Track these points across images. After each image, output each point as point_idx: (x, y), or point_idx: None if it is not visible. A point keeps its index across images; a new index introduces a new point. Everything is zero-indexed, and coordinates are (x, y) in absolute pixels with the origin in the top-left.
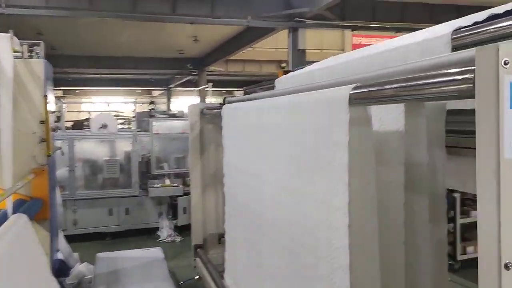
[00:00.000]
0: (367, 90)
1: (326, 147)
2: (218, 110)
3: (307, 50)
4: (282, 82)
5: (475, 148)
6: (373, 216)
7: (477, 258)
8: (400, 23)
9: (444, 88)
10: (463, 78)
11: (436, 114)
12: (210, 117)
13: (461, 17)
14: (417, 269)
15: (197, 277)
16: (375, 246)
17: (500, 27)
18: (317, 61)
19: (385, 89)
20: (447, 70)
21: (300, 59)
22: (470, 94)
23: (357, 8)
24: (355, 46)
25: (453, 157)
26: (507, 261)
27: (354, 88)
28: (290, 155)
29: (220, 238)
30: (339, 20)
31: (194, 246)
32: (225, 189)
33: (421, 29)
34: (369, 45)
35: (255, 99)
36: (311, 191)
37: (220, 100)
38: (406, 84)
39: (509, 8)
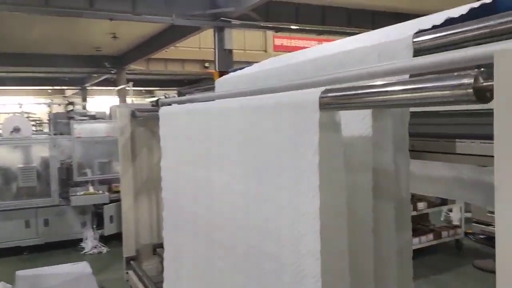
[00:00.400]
0: (340, 94)
1: (292, 153)
2: (152, 112)
3: None
4: (222, 84)
5: (428, 152)
6: (343, 221)
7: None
8: (321, 26)
9: (438, 93)
10: (462, 84)
11: (400, 117)
12: (142, 120)
13: (376, 23)
14: (382, 276)
15: None
16: (345, 253)
17: (463, 31)
18: (243, 62)
19: (362, 94)
20: (442, 73)
21: (227, 59)
22: (469, 99)
23: (280, 10)
24: (277, 47)
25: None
26: None
27: (324, 92)
28: (248, 160)
29: (155, 249)
30: (263, 21)
31: (126, 258)
32: (163, 194)
33: (342, 32)
34: (291, 46)
35: (197, 100)
36: (273, 196)
37: (140, 100)
38: (390, 89)
39: (463, 12)
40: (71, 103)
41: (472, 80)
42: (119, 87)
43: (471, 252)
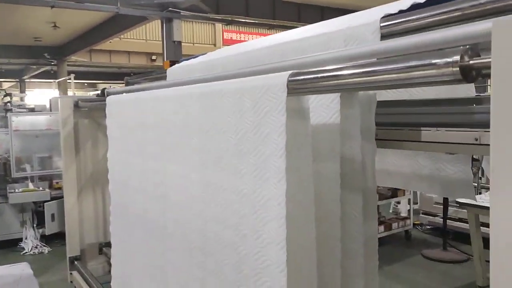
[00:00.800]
0: (310, 77)
1: (255, 136)
2: (98, 102)
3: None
4: (175, 72)
5: (393, 140)
6: (310, 208)
7: None
8: (271, 20)
9: (420, 72)
10: (447, 61)
11: (368, 104)
12: (86, 111)
13: (325, 18)
14: (349, 266)
15: None
16: (312, 241)
17: (433, 14)
18: (191, 55)
19: (334, 76)
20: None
21: (175, 51)
22: (454, 78)
23: (231, 3)
24: (226, 41)
25: None
26: None
27: (292, 75)
28: (206, 147)
29: (101, 248)
30: (213, 13)
31: (70, 258)
32: (110, 187)
33: (292, 27)
34: (241, 41)
35: (149, 89)
36: (233, 183)
37: (83, 94)
38: (370, 69)
39: None
40: (9, 95)
41: (458, 57)
42: (60, 80)
43: (419, 242)
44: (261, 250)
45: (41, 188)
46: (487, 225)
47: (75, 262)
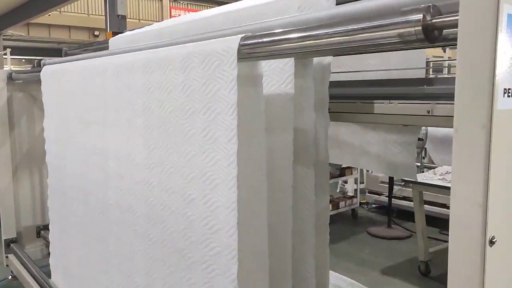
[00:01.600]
0: (263, 40)
1: (204, 94)
2: (33, 73)
3: None
4: (118, 42)
5: (346, 112)
6: (261, 171)
7: None
8: None
9: (380, 33)
10: (409, 20)
11: (321, 74)
12: (21, 84)
13: None
14: (299, 240)
15: (10, 277)
16: (263, 206)
17: None
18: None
19: (290, 39)
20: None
21: (119, 26)
22: (417, 38)
23: None
24: None
25: None
26: (492, 236)
27: (244, 39)
28: (151, 110)
29: (40, 232)
30: None
31: (6, 240)
32: (47, 158)
33: None
34: None
35: (89, 58)
36: (180, 146)
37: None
38: (327, 31)
39: None
40: None
41: (421, 16)
42: None
43: (365, 221)
44: (210, 214)
45: None
46: (429, 203)
47: (11, 245)
